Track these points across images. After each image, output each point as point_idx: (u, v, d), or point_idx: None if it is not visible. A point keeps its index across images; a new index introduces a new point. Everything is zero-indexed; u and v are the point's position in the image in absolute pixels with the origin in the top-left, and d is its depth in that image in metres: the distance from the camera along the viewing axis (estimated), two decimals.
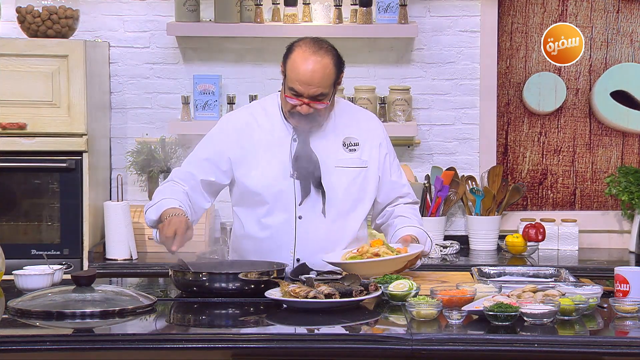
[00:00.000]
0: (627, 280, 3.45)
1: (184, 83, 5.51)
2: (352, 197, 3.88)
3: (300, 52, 3.73)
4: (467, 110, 5.55)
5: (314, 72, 3.70)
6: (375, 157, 3.92)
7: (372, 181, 3.92)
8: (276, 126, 3.87)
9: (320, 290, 3.30)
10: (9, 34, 5.27)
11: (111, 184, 5.50)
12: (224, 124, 3.95)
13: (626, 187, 5.38)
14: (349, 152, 3.89)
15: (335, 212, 3.84)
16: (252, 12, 5.35)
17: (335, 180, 3.84)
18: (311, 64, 3.70)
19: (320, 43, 3.77)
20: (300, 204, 3.82)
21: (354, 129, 3.92)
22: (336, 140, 3.89)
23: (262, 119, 3.89)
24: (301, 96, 3.73)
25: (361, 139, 3.91)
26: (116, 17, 5.50)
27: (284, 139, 3.85)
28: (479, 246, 5.41)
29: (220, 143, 3.89)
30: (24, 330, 3.18)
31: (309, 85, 3.71)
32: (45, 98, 4.97)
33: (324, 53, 3.73)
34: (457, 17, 5.51)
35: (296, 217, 3.83)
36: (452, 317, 3.14)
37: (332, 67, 3.74)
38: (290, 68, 3.73)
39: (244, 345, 3.07)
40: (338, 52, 3.81)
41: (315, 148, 3.83)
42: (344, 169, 3.87)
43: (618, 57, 5.54)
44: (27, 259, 4.43)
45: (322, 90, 3.73)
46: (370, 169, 3.91)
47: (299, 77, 3.71)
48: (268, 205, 3.84)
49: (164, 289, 3.81)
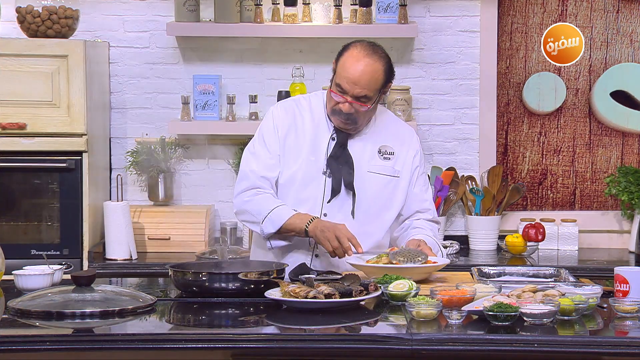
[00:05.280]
0: (627, 280, 3.45)
1: (183, 83, 5.51)
2: (380, 203, 3.92)
3: (355, 52, 3.80)
4: (466, 110, 5.55)
5: (363, 73, 3.76)
6: (408, 169, 3.97)
7: (401, 192, 3.96)
8: (318, 122, 3.92)
9: (320, 290, 3.30)
10: (8, 34, 5.27)
11: (111, 184, 5.50)
12: (274, 115, 3.95)
13: (626, 187, 5.38)
14: (383, 160, 3.93)
15: (362, 215, 3.88)
16: (251, 12, 5.35)
17: (366, 185, 3.89)
18: (362, 65, 3.76)
19: (375, 48, 3.84)
20: (329, 202, 3.86)
21: (391, 139, 3.97)
22: (373, 147, 3.93)
23: (306, 113, 3.94)
24: (346, 94, 3.78)
25: (397, 149, 3.96)
26: (116, 17, 5.50)
27: (323, 136, 3.90)
28: (478, 246, 5.41)
29: (274, 136, 3.91)
30: (23, 330, 3.17)
31: (355, 84, 3.76)
32: (45, 98, 4.97)
33: (378, 58, 3.80)
34: (457, 17, 5.51)
35: (321, 214, 3.86)
36: (452, 317, 3.14)
37: (382, 73, 3.80)
38: (341, 65, 3.79)
39: (244, 345, 3.07)
40: (390, 60, 3.87)
41: (351, 150, 3.89)
42: (376, 175, 3.91)
43: (618, 57, 5.54)
44: (27, 259, 4.42)
45: (366, 93, 3.78)
46: (401, 180, 3.96)
47: (347, 75, 3.76)
48: (296, 198, 3.87)
49: (164, 289, 3.80)
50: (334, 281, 3.46)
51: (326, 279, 3.50)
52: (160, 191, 5.37)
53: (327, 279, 3.51)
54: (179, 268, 3.61)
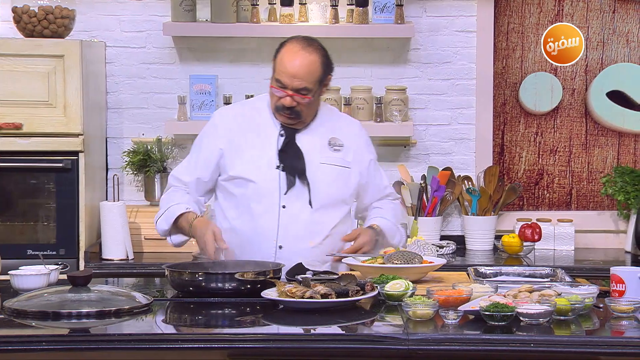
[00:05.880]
0: (623, 280, 3.46)
1: (180, 83, 5.51)
2: (335, 192, 4.00)
3: (291, 46, 3.89)
4: (463, 110, 5.55)
5: (300, 66, 3.84)
6: (359, 161, 4.06)
7: (353, 184, 4.05)
8: (264, 121, 4.00)
9: (317, 290, 3.31)
10: (5, 34, 5.27)
11: (107, 184, 5.49)
12: (215, 119, 4.10)
13: (622, 187, 5.38)
14: (334, 152, 4.02)
15: (319, 204, 3.95)
16: (248, 12, 5.34)
17: (320, 175, 3.96)
18: (298, 58, 3.85)
19: (311, 41, 3.94)
20: (286, 194, 3.93)
21: (339, 132, 4.06)
22: (322, 139, 4.01)
23: (250, 114, 4.04)
24: (286, 88, 3.86)
25: (345, 142, 4.05)
26: (112, 17, 5.50)
27: (271, 134, 3.98)
28: (475, 246, 5.41)
29: (213, 138, 4.03)
30: (20, 330, 3.17)
31: (294, 77, 3.84)
32: (41, 98, 4.97)
33: (313, 50, 3.89)
34: (453, 17, 5.51)
35: (280, 206, 3.93)
36: (449, 317, 3.15)
37: (319, 65, 3.88)
38: (279, 61, 3.89)
39: (240, 345, 3.07)
40: (328, 53, 3.96)
41: (301, 144, 3.97)
42: (329, 166, 3.99)
43: (614, 57, 5.54)
44: (23, 259, 4.41)
45: (306, 85, 3.86)
46: (352, 172, 4.04)
47: (285, 69, 3.85)
48: (253, 194, 3.95)
49: (160, 289, 3.81)
50: (331, 281, 3.46)
51: (323, 279, 3.50)
52: (157, 191, 5.36)
53: (323, 279, 3.51)
54: (175, 268, 3.61)
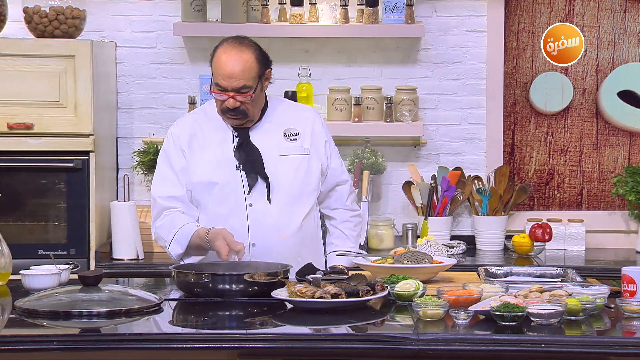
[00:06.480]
0: (634, 281, 3.45)
1: (190, 83, 5.51)
2: (298, 183, 4.03)
3: (223, 48, 3.91)
4: (473, 110, 5.54)
5: (235, 65, 3.86)
6: (316, 145, 4.08)
7: (315, 169, 4.07)
8: (218, 126, 4.03)
9: (327, 290, 3.31)
10: (16, 34, 5.28)
11: (118, 184, 5.50)
12: (173, 130, 4.09)
13: (633, 187, 5.37)
14: (291, 142, 4.05)
15: (283, 198, 3.99)
16: (258, 12, 5.35)
17: (282, 168, 4.00)
18: (232, 58, 3.87)
19: (242, 40, 3.96)
20: (249, 193, 3.96)
21: (293, 122, 4.08)
22: (277, 132, 4.04)
23: (203, 121, 4.06)
24: (226, 90, 3.88)
25: (300, 129, 4.07)
26: (123, 18, 5.50)
27: (226, 137, 4.02)
28: (485, 246, 5.41)
29: (176, 149, 4.03)
30: (31, 330, 3.18)
31: (231, 78, 3.86)
32: (52, 98, 4.98)
33: (245, 48, 3.91)
34: (463, 17, 5.50)
35: (246, 205, 3.96)
36: (459, 317, 3.14)
37: (254, 61, 3.90)
38: (215, 65, 3.91)
39: (251, 345, 3.08)
40: (261, 48, 3.98)
41: (256, 141, 4.00)
42: (288, 157, 4.02)
43: (625, 57, 5.53)
44: (34, 259, 4.42)
45: (244, 83, 3.88)
46: (312, 157, 4.06)
47: (221, 72, 3.87)
48: (219, 197, 3.98)
49: (171, 289, 3.80)
50: (341, 281, 3.46)
51: (333, 279, 3.50)
52: None
53: (333, 279, 3.51)
54: (182, 269, 3.62)
